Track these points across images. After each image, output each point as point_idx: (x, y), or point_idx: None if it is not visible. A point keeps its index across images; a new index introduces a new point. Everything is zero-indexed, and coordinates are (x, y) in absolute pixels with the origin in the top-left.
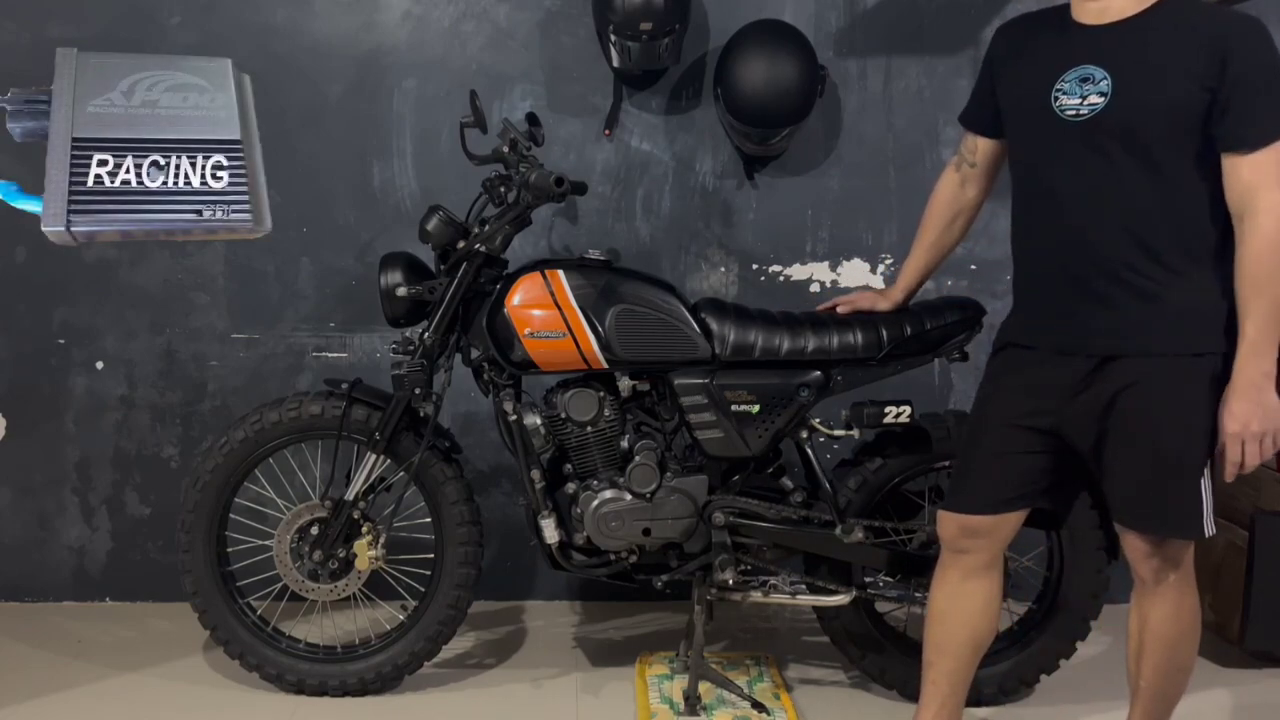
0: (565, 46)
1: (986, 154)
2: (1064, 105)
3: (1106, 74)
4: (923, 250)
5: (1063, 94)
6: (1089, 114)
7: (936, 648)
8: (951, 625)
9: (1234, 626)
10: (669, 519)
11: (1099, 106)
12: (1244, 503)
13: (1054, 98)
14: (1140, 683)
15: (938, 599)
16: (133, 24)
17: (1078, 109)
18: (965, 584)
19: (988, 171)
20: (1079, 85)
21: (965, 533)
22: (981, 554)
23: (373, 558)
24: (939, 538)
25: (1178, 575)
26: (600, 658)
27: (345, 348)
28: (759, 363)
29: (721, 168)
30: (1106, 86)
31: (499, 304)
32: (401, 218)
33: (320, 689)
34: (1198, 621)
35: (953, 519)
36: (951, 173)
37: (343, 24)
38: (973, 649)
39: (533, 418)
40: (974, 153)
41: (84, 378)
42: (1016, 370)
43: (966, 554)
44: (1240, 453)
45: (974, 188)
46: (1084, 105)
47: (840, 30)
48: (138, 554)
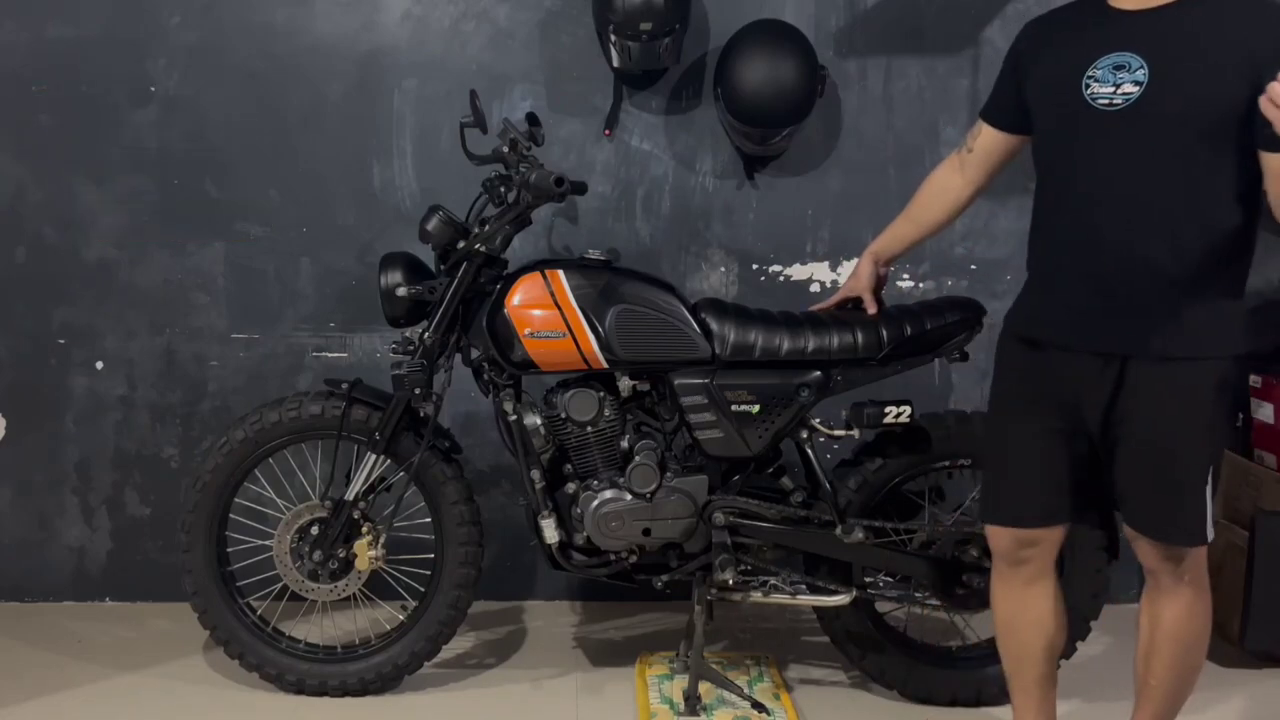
0: (565, 46)
1: (987, 143)
2: (1096, 93)
3: (1143, 62)
4: (902, 219)
5: (1095, 81)
6: (1123, 104)
7: (1017, 659)
8: (1025, 634)
9: (1234, 626)
10: (669, 519)
11: (1134, 96)
12: (1244, 503)
13: (1085, 85)
14: (1151, 681)
15: (1003, 610)
16: (133, 24)
17: (1110, 98)
18: (1030, 590)
19: (983, 162)
20: (1113, 73)
21: (1021, 544)
22: (1042, 559)
23: (373, 558)
24: (991, 551)
25: (1193, 575)
26: (600, 658)
27: (345, 348)
28: (759, 363)
29: (721, 168)
30: (1143, 75)
31: (499, 304)
32: (401, 218)
33: (320, 689)
34: (1209, 622)
35: (1006, 533)
36: (953, 156)
37: (343, 24)
38: (1050, 652)
39: (533, 418)
40: (975, 138)
41: (84, 378)
42: (1032, 369)
43: (1027, 563)
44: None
45: (966, 174)
46: (1118, 94)
47: (840, 30)
48: (138, 554)
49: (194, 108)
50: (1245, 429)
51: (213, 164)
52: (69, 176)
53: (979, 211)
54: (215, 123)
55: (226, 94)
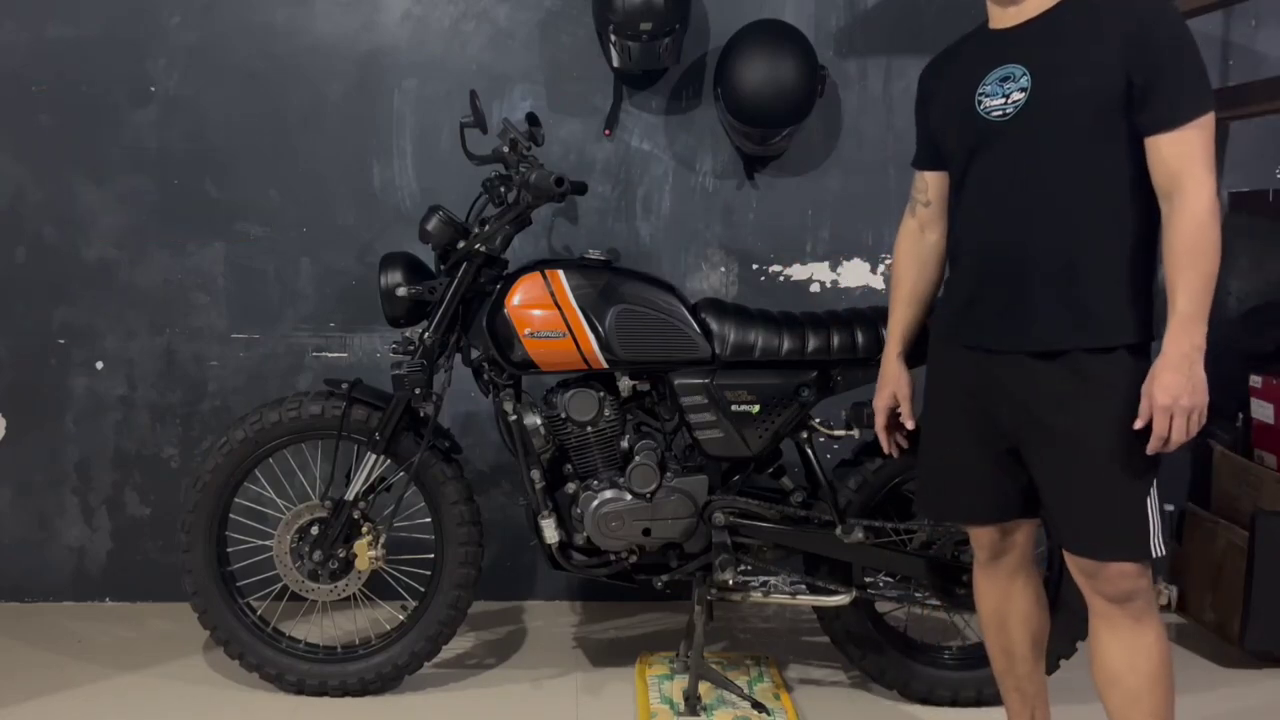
0: (565, 46)
1: (935, 188)
2: (988, 107)
3: (1025, 70)
4: (901, 305)
5: (985, 96)
6: (1014, 111)
7: (1006, 654)
8: (1013, 627)
9: (1234, 626)
10: (669, 519)
11: (1021, 103)
12: (1244, 503)
13: (978, 101)
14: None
15: (988, 604)
16: (133, 24)
17: (1002, 108)
18: (1013, 583)
19: (941, 208)
20: (1000, 85)
21: (996, 536)
22: (1019, 550)
23: (373, 558)
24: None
25: (1133, 607)
26: (600, 658)
27: (345, 348)
28: (759, 363)
29: (721, 168)
30: (1026, 83)
31: (499, 304)
32: (401, 218)
33: (320, 689)
34: (1166, 660)
35: (980, 530)
36: (908, 219)
37: (343, 24)
38: (1037, 645)
39: (533, 418)
40: (925, 190)
41: (84, 378)
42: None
43: (1006, 554)
44: (1168, 427)
45: (933, 230)
46: (1008, 104)
47: (840, 30)
48: (138, 554)
49: (194, 108)
50: (1245, 429)
51: (213, 164)
52: (69, 176)
53: None
54: (215, 123)
55: (226, 94)
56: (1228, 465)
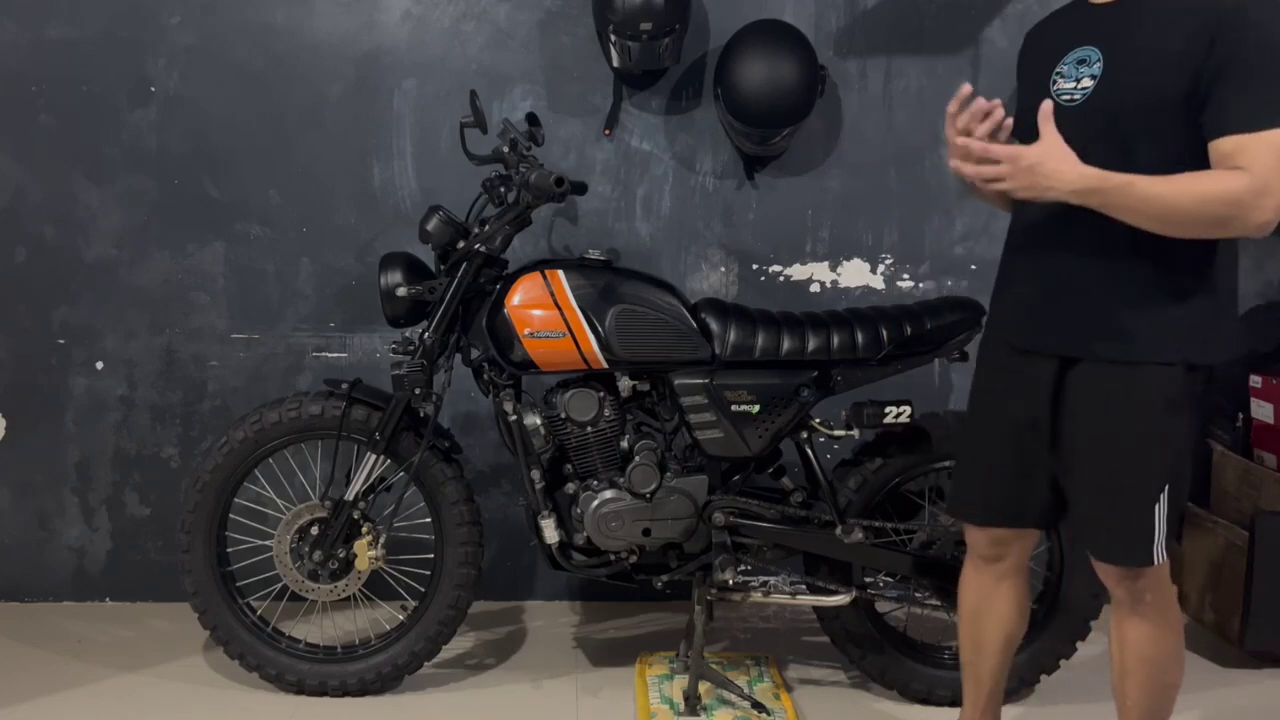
0: (565, 46)
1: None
2: (1060, 89)
3: (1100, 56)
4: None
5: (1061, 77)
6: (1081, 99)
7: (976, 648)
8: (988, 626)
9: (1234, 626)
10: (669, 519)
11: (1089, 90)
12: (1244, 503)
13: (1053, 81)
14: (1127, 702)
15: (969, 599)
16: (133, 24)
17: (1072, 93)
18: (999, 586)
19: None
20: (1076, 67)
21: (995, 542)
22: (1014, 558)
23: (373, 558)
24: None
25: (1155, 596)
26: (600, 658)
27: (345, 348)
28: (759, 363)
29: (721, 168)
30: (1099, 69)
31: (499, 304)
32: (401, 218)
33: (320, 689)
34: (1181, 640)
35: (980, 532)
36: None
37: (343, 24)
38: (1009, 646)
39: (533, 418)
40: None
41: (84, 378)
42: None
43: (1001, 560)
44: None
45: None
46: (1078, 89)
47: (840, 30)
48: (138, 554)
49: (194, 108)
50: (1245, 429)
51: (213, 164)
52: (69, 176)
53: (979, 211)
54: (215, 123)
55: (226, 94)
56: (1228, 465)
